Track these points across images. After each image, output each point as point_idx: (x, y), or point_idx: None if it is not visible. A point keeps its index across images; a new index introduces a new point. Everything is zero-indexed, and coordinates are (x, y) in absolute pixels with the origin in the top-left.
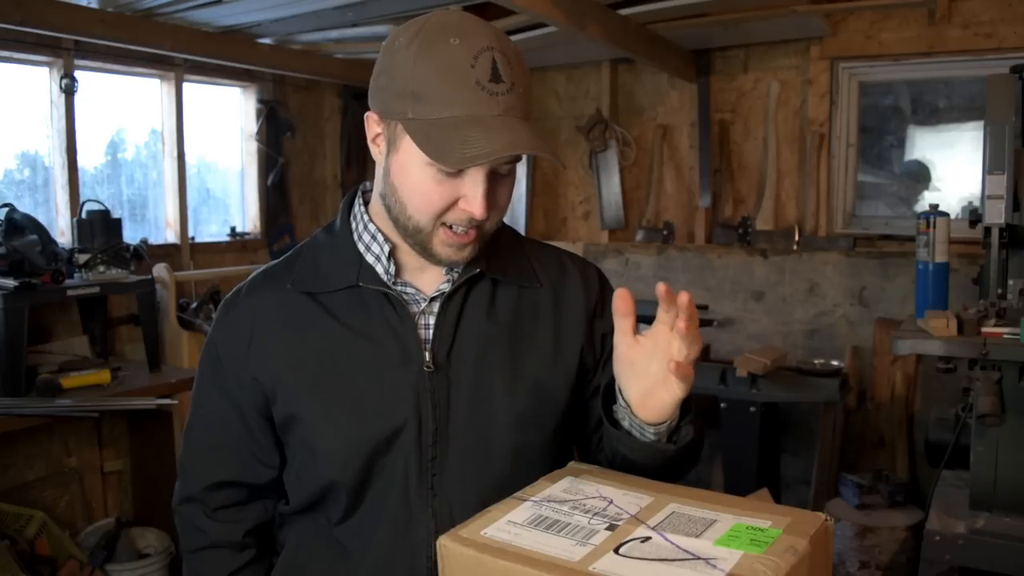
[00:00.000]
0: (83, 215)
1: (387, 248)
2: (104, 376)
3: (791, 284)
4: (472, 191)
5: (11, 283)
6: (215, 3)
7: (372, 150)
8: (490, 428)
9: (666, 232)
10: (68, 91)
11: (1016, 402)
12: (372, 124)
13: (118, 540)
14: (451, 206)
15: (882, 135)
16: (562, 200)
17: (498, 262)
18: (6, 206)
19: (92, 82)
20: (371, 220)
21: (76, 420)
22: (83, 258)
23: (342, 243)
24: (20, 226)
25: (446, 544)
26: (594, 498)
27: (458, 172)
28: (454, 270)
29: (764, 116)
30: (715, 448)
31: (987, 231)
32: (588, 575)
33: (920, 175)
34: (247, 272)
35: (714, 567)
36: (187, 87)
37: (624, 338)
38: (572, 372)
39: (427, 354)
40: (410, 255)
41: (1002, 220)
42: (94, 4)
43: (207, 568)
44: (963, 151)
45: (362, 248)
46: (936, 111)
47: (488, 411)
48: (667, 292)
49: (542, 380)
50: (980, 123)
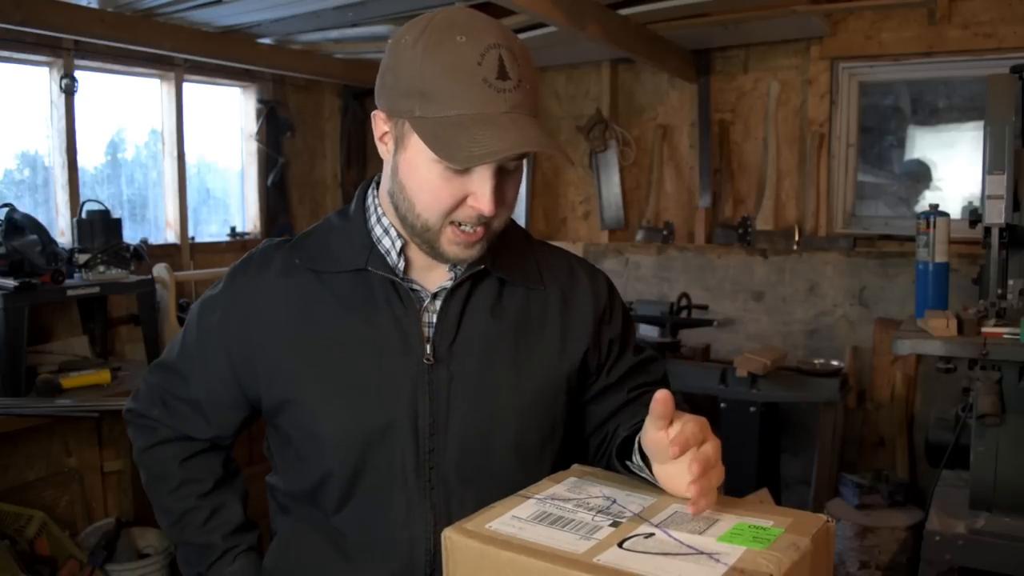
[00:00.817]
0: (83, 215)
1: (399, 244)
2: (104, 376)
3: (791, 284)
4: (480, 188)
5: (11, 283)
6: (215, 3)
7: (380, 148)
8: (491, 423)
9: (666, 232)
10: (68, 91)
11: (1016, 402)
12: (379, 122)
13: (118, 540)
14: (460, 204)
15: (882, 135)
16: (562, 200)
17: (504, 261)
18: (6, 206)
19: (92, 82)
20: (384, 214)
21: (76, 420)
22: (83, 258)
23: (355, 227)
24: (20, 226)
25: (451, 536)
26: (598, 497)
27: (466, 169)
28: (458, 267)
29: (764, 116)
30: None
31: (987, 231)
32: (592, 566)
33: (920, 175)
34: None
35: (717, 561)
36: (187, 87)
37: (656, 422)
38: (575, 373)
39: (428, 347)
40: (419, 253)
41: (1002, 220)
42: (94, 4)
43: (160, 463)
44: (963, 151)
45: (374, 236)
46: (936, 111)
47: (490, 406)
48: (665, 403)
49: (547, 378)
50: (980, 123)
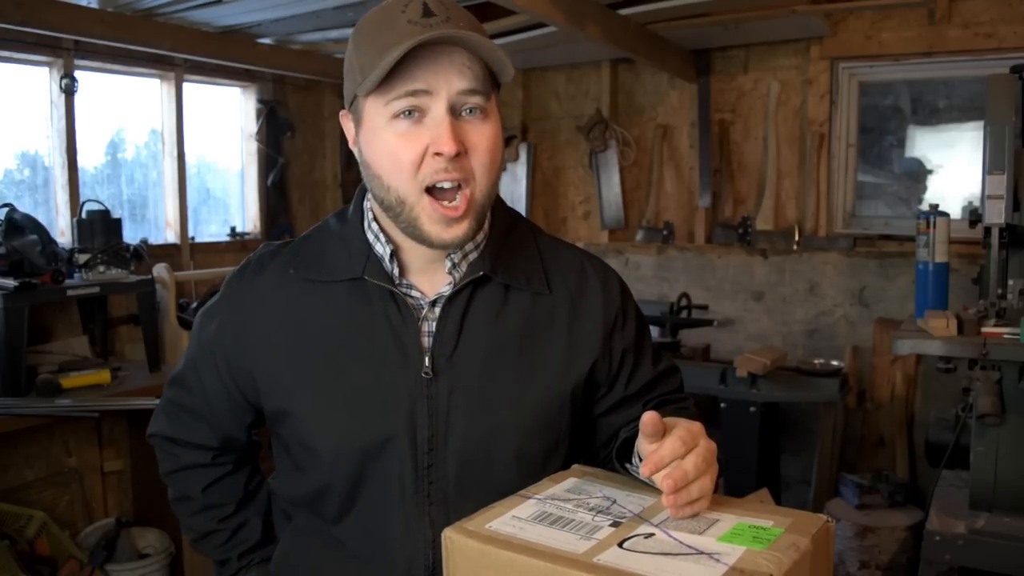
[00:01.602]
0: (83, 215)
1: (389, 249)
2: (104, 376)
3: (791, 284)
4: (435, 131)
5: (11, 283)
6: (215, 3)
7: (354, 152)
8: (492, 437)
9: (666, 232)
10: (68, 91)
11: (1016, 402)
12: (345, 123)
13: (118, 540)
14: (423, 158)
15: (882, 135)
16: (562, 200)
17: (507, 264)
18: (6, 206)
19: (92, 82)
20: (375, 219)
21: (76, 420)
22: (83, 258)
23: (353, 232)
24: (20, 226)
25: (451, 536)
26: (598, 497)
27: (420, 120)
28: (457, 269)
29: (764, 116)
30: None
31: (987, 231)
32: (592, 566)
33: (920, 175)
34: None
35: (717, 561)
36: (187, 87)
37: (647, 439)
38: (581, 384)
39: (426, 359)
40: (413, 254)
41: (1002, 220)
42: (94, 4)
43: (184, 486)
44: (963, 151)
45: (371, 239)
46: (936, 111)
47: (491, 420)
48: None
49: (550, 390)
50: (980, 123)
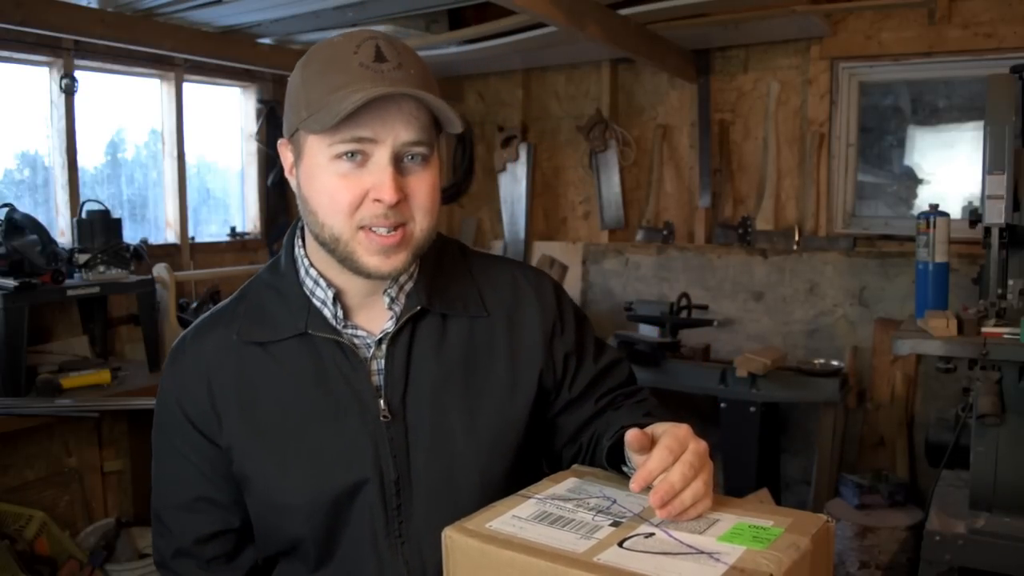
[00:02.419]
0: (83, 215)
1: (331, 293)
2: (104, 376)
3: (791, 284)
4: (377, 177)
5: (11, 283)
6: (215, 3)
7: (290, 182)
8: (452, 469)
9: (666, 232)
10: (68, 91)
11: (1016, 402)
12: (284, 152)
13: (118, 540)
14: (361, 201)
15: (882, 135)
16: (562, 200)
17: (441, 294)
18: (6, 206)
19: (92, 82)
20: (312, 264)
21: (76, 420)
22: (83, 258)
23: (288, 286)
24: (20, 226)
25: (451, 535)
26: (597, 497)
27: (362, 163)
28: (396, 303)
29: (764, 116)
30: (715, 448)
31: (987, 231)
32: (593, 565)
33: (920, 175)
34: (247, 272)
35: (717, 560)
36: (187, 87)
37: (636, 454)
38: (531, 399)
39: (381, 402)
40: (353, 295)
41: (1002, 220)
42: (94, 4)
43: None
44: (963, 151)
45: (307, 292)
46: (936, 111)
47: (449, 452)
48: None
49: (501, 413)
50: (980, 123)
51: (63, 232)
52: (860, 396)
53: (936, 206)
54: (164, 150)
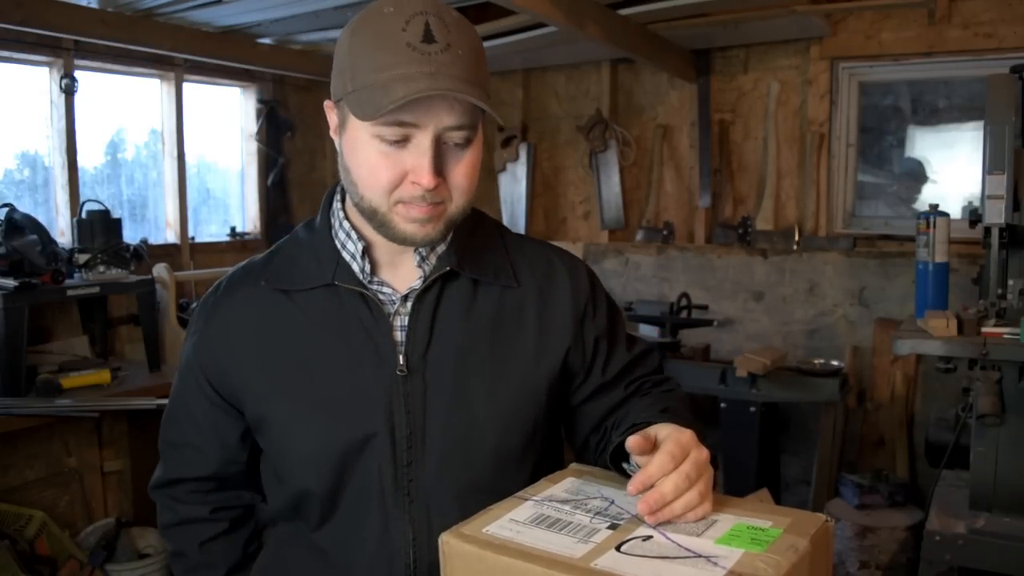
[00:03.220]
0: (83, 215)
1: (361, 246)
2: (104, 376)
3: (791, 284)
4: (417, 160)
5: (11, 283)
6: (215, 3)
7: (335, 141)
8: (469, 432)
9: (666, 232)
10: (68, 91)
11: (1016, 402)
12: (330, 113)
13: (118, 540)
14: (401, 181)
15: (882, 135)
16: (562, 200)
17: (474, 259)
18: (6, 206)
19: (92, 82)
20: (347, 217)
21: (76, 420)
22: (83, 258)
23: (321, 240)
24: (20, 226)
25: (448, 541)
26: (596, 498)
27: (403, 143)
28: (426, 263)
29: (764, 116)
30: (715, 448)
31: (987, 231)
32: (590, 571)
33: (920, 175)
34: None
35: (715, 564)
36: (187, 87)
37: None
38: (555, 373)
39: (401, 357)
40: (384, 250)
41: (1002, 220)
42: (94, 4)
43: (181, 541)
44: (963, 151)
45: (339, 245)
46: (936, 111)
47: (468, 414)
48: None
49: (525, 384)
50: (980, 123)
51: (63, 232)
52: (860, 396)
53: (936, 206)
54: (164, 150)
